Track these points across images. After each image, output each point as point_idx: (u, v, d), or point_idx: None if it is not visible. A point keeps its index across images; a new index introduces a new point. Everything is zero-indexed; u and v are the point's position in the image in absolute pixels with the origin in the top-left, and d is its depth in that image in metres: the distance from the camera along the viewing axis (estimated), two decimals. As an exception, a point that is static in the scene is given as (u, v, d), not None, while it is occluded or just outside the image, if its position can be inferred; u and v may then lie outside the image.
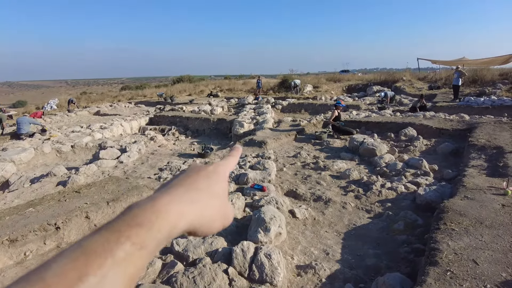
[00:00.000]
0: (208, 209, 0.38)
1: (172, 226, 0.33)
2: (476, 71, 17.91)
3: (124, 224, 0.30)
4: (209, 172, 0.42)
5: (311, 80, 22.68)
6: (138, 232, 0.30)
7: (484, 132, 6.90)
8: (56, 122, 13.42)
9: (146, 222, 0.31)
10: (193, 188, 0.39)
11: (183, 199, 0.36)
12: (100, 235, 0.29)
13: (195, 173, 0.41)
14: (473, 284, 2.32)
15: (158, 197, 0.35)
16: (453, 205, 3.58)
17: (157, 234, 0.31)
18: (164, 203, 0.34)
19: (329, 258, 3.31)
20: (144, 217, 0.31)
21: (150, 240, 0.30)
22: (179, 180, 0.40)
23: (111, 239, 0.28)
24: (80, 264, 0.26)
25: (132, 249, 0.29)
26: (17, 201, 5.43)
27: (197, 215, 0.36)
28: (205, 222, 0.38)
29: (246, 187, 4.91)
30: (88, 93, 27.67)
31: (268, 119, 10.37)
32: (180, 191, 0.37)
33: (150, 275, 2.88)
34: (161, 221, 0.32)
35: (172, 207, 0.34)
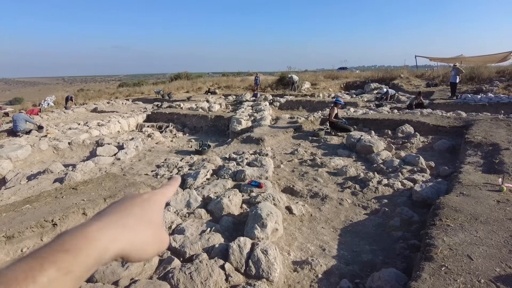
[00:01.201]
0: (140, 235, 0.38)
1: (102, 252, 0.33)
2: (474, 68, 17.96)
3: (50, 251, 0.30)
4: (143, 200, 0.43)
5: (309, 77, 22.66)
6: (65, 257, 0.30)
7: (480, 129, 6.94)
8: (53, 119, 13.36)
9: (74, 247, 0.31)
10: (125, 214, 0.39)
11: (115, 225, 0.36)
12: (25, 262, 0.29)
13: (130, 201, 0.42)
14: (468, 279, 2.34)
15: (89, 223, 0.35)
16: (448, 202, 3.61)
17: (86, 259, 0.31)
18: (94, 229, 0.34)
19: (325, 254, 3.33)
20: (72, 243, 0.31)
21: (77, 265, 0.30)
22: (113, 208, 0.40)
23: (34, 266, 0.28)
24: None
25: (57, 275, 0.29)
26: (13, 198, 5.42)
27: (129, 240, 0.37)
28: (137, 248, 0.38)
29: (243, 183, 4.91)
30: (85, 90, 27.53)
31: (266, 116, 10.37)
32: (112, 218, 0.38)
33: (147, 271, 2.89)
34: (90, 247, 0.32)
35: (103, 232, 0.34)
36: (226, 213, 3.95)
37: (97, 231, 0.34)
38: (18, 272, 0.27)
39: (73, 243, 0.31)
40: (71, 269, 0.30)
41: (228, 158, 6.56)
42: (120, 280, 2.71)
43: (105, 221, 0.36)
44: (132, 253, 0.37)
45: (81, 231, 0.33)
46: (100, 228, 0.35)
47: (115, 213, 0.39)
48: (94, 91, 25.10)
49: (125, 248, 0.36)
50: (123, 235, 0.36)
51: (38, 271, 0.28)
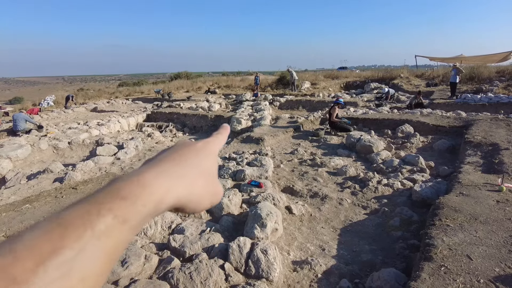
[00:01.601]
0: (197, 185, 0.37)
1: (159, 201, 0.31)
2: (473, 68, 17.95)
3: (107, 196, 0.29)
4: (198, 148, 0.41)
5: (309, 77, 22.64)
6: (122, 205, 0.29)
7: (480, 129, 6.94)
8: (53, 118, 13.36)
9: (131, 195, 0.30)
10: (182, 163, 0.37)
11: (172, 173, 0.34)
12: (80, 206, 0.28)
13: (184, 148, 0.40)
14: (467, 279, 2.34)
15: (145, 170, 0.33)
16: (448, 202, 3.61)
17: (142, 208, 0.30)
18: (151, 176, 0.32)
19: (325, 254, 3.34)
20: (129, 190, 0.30)
21: (134, 214, 0.29)
22: (168, 155, 0.38)
23: (91, 211, 0.27)
24: (56, 236, 0.24)
25: (114, 223, 0.27)
26: (13, 197, 5.42)
27: (186, 191, 0.35)
28: (193, 199, 0.36)
29: (243, 183, 4.91)
30: (85, 90, 27.51)
31: (266, 116, 10.37)
32: (168, 165, 0.35)
33: (146, 270, 2.89)
34: (146, 195, 0.30)
35: (160, 181, 0.32)
36: (226, 213, 3.95)
37: (154, 179, 0.32)
38: (75, 217, 0.26)
39: (130, 190, 0.30)
40: (128, 217, 0.28)
41: (228, 157, 6.56)
42: (120, 280, 2.72)
43: (162, 169, 0.34)
44: (188, 204, 0.36)
45: (137, 178, 0.31)
46: (157, 175, 0.33)
47: (171, 160, 0.37)
48: (94, 91, 25.08)
49: (182, 198, 0.35)
50: (181, 185, 0.35)
51: (95, 216, 0.27)
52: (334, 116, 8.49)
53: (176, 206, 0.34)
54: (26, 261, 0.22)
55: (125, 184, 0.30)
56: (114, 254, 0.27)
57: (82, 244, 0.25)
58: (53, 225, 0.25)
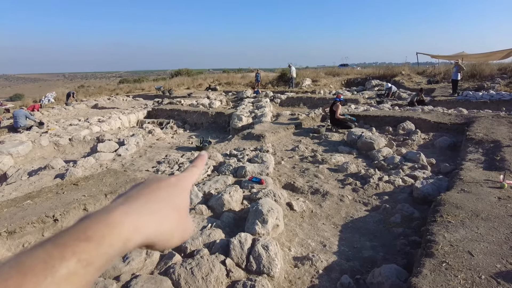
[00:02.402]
0: (167, 222, 0.36)
1: (126, 240, 0.31)
2: (475, 65, 17.90)
3: (72, 238, 0.28)
4: (170, 184, 0.40)
5: (310, 74, 22.60)
6: (87, 247, 0.28)
7: (481, 126, 6.92)
8: (54, 115, 13.36)
9: (97, 236, 0.29)
10: (152, 199, 0.36)
11: (141, 210, 0.34)
12: (43, 249, 0.27)
13: (156, 184, 0.40)
14: (468, 275, 2.34)
15: (114, 208, 0.33)
16: (449, 198, 3.60)
17: (108, 249, 0.29)
18: (119, 214, 0.32)
19: (326, 250, 3.34)
20: (96, 230, 0.29)
21: (99, 256, 0.28)
22: (138, 190, 0.38)
23: (54, 255, 0.26)
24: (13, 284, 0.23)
25: (77, 267, 0.26)
26: (15, 193, 5.43)
27: (155, 228, 0.34)
28: (163, 236, 0.35)
29: (244, 180, 4.92)
30: (85, 87, 27.50)
31: (267, 113, 10.35)
32: (138, 203, 0.35)
33: (148, 266, 2.90)
34: (114, 235, 0.30)
35: (128, 219, 0.32)
36: (227, 209, 3.96)
37: (122, 217, 0.32)
38: (37, 261, 0.25)
39: (96, 230, 0.29)
40: (93, 260, 0.28)
41: (228, 154, 6.56)
42: (121, 275, 2.72)
43: (131, 206, 0.34)
44: (157, 242, 0.35)
45: (105, 217, 0.31)
46: (125, 213, 0.32)
47: (140, 196, 0.36)
48: (95, 88, 25.07)
49: (151, 236, 0.34)
50: (150, 223, 0.34)
51: (58, 260, 0.26)
52: (338, 113, 8.48)
53: (145, 244, 0.34)
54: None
55: (92, 223, 0.30)
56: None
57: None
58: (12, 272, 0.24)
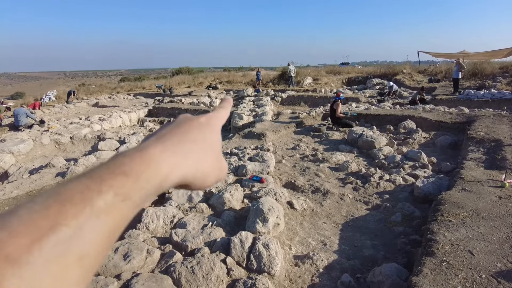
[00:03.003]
0: (203, 161, 0.36)
1: (164, 178, 0.30)
2: (476, 64, 17.82)
3: (108, 172, 0.27)
4: (201, 124, 0.39)
5: (311, 72, 22.55)
6: (123, 181, 0.27)
7: (483, 125, 6.90)
8: (55, 113, 13.38)
9: (134, 171, 0.28)
10: (186, 139, 0.35)
11: (177, 149, 0.33)
12: (79, 181, 0.26)
13: (187, 123, 0.38)
14: (469, 274, 2.34)
15: (149, 145, 0.32)
16: (450, 197, 3.60)
17: (145, 185, 0.28)
18: (155, 152, 0.31)
19: (326, 249, 3.34)
20: (132, 166, 0.28)
21: (136, 192, 0.27)
22: (171, 130, 0.36)
23: (92, 187, 0.25)
24: (53, 212, 0.23)
25: (115, 200, 0.26)
26: (16, 192, 5.44)
27: (192, 168, 0.34)
28: (199, 176, 0.35)
29: (245, 178, 4.92)
30: (86, 85, 27.48)
31: (267, 112, 10.35)
32: (173, 141, 0.34)
33: (148, 264, 2.90)
34: (151, 172, 0.29)
35: (165, 157, 0.31)
36: (227, 208, 3.96)
37: (159, 155, 0.30)
38: (75, 192, 0.24)
39: (133, 166, 0.28)
40: (130, 195, 0.27)
41: (229, 153, 6.56)
42: (122, 274, 2.73)
43: (167, 144, 0.33)
44: (194, 181, 0.34)
45: (140, 154, 0.30)
46: (162, 151, 0.31)
47: (174, 135, 0.35)
48: (96, 86, 25.06)
49: (188, 175, 0.33)
50: (186, 162, 0.33)
51: (96, 192, 0.25)
52: (339, 111, 8.47)
53: (182, 182, 0.33)
54: (21, 238, 0.21)
55: (129, 160, 0.29)
56: (113, 233, 0.26)
57: (81, 222, 0.23)
58: (50, 201, 0.24)
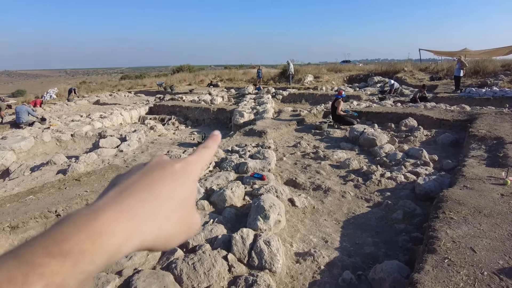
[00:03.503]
0: (167, 222, 0.31)
1: (115, 250, 0.26)
2: (478, 62, 17.76)
3: (43, 251, 0.23)
4: (175, 172, 0.33)
5: (312, 70, 22.51)
6: (59, 266, 0.23)
7: (484, 123, 6.88)
8: (56, 111, 13.39)
9: (76, 250, 0.23)
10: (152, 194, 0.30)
11: (137, 211, 0.28)
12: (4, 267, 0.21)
13: (158, 171, 0.33)
14: (471, 271, 2.34)
15: (103, 208, 0.27)
16: (452, 195, 3.59)
17: (88, 267, 0.24)
18: (108, 219, 0.26)
19: (328, 246, 3.34)
20: (75, 243, 0.24)
21: (75, 276, 0.23)
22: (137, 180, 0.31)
23: (15, 277, 0.21)
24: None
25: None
26: (17, 189, 5.45)
27: (153, 232, 0.29)
28: (162, 239, 0.30)
29: (246, 176, 4.91)
30: (87, 83, 27.49)
31: (269, 109, 10.33)
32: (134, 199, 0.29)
33: (150, 261, 2.90)
34: (97, 249, 0.24)
35: (120, 225, 0.26)
36: (228, 205, 3.96)
37: (113, 223, 0.26)
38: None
39: (75, 242, 0.24)
40: (65, 283, 0.22)
41: (230, 150, 6.55)
42: (124, 270, 2.73)
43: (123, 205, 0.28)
44: (154, 245, 0.30)
45: (88, 222, 0.25)
46: (116, 217, 0.27)
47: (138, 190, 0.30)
48: (97, 84, 25.06)
49: (147, 241, 0.29)
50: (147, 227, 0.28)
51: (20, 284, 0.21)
52: (340, 109, 8.46)
53: (139, 249, 0.29)
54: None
55: (71, 231, 0.24)
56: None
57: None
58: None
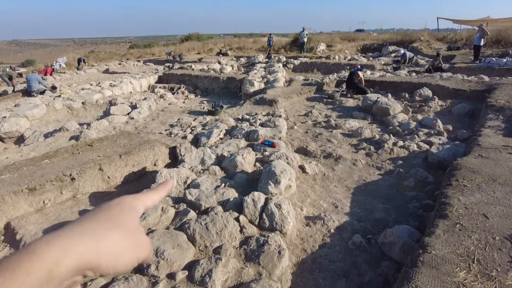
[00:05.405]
0: (108, 241, 0.33)
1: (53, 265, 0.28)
2: (501, 31, 16.88)
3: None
4: (111, 206, 0.38)
5: (325, 39, 21.81)
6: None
7: (504, 93, 6.64)
8: (66, 79, 13.40)
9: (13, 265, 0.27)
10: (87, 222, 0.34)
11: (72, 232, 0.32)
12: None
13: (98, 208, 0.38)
14: (482, 236, 2.33)
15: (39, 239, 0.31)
16: (466, 163, 3.53)
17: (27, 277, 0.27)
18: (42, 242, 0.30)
19: (337, 211, 3.37)
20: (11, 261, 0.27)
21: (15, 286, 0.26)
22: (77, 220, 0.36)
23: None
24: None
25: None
26: (33, 153, 5.57)
27: (90, 249, 0.31)
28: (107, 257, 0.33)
29: (256, 143, 4.91)
30: (96, 52, 27.27)
31: (279, 78, 10.14)
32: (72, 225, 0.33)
33: (163, 222, 2.98)
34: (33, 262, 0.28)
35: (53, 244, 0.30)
36: (239, 170, 3.98)
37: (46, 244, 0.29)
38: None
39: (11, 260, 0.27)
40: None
41: (241, 119, 6.52)
42: (138, 230, 2.81)
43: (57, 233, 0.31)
44: (101, 263, 0.32)
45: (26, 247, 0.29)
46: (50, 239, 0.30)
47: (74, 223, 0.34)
48: (105, 53, 24.87)
49: (87, 257, 0.31)
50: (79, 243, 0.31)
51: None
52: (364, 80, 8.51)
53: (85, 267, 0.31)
54: None
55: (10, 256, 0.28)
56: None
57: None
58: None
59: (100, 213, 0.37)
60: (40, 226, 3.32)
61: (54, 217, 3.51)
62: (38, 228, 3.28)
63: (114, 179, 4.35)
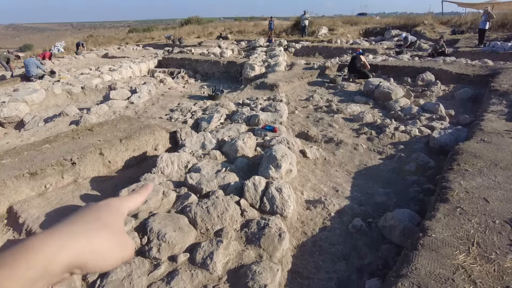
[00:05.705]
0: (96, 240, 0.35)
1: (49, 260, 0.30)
2: (507, 14, 16.52)
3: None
4: (99, 206, 0.41)
5: (327, 22, 21.43)
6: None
7: (508, 77, 6.55)
8: (65, 64, 13.26)
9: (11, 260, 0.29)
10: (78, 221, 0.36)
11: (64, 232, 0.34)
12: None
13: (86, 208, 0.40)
14: (482, 220, 2.34)
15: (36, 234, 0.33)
16: (468, 148, 3.52)
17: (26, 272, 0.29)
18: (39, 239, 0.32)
19: (338, 195, 3.38)
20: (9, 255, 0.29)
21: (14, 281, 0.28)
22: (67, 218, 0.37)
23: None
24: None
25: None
26: (33, 138, 5.56)
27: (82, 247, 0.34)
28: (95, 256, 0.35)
29: (257, 128, 4.88)
30: (94, 36, 26.85)
31: (281, 62, 10.01)
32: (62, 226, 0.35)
33: (165, 205, 2.99)
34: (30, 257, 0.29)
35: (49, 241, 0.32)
36: (240, 155, 3.98)
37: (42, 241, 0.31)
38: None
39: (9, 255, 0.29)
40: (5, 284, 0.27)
41: (241, 103, 6.47)
42: (139, 213, 2.83)
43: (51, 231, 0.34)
44: (90, 261, 0.34)
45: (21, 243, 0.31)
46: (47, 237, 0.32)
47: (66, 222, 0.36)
48: (104, 37, 24.52)
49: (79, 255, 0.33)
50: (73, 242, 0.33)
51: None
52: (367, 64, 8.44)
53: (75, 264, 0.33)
54: None
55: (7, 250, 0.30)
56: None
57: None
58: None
59: (89, 213, 0.39)
60: (43, 210, 3.34)
61: (56, 201, 3.53)
62: (41, 212, 3.30)
63: (115, 164, 4.36)
